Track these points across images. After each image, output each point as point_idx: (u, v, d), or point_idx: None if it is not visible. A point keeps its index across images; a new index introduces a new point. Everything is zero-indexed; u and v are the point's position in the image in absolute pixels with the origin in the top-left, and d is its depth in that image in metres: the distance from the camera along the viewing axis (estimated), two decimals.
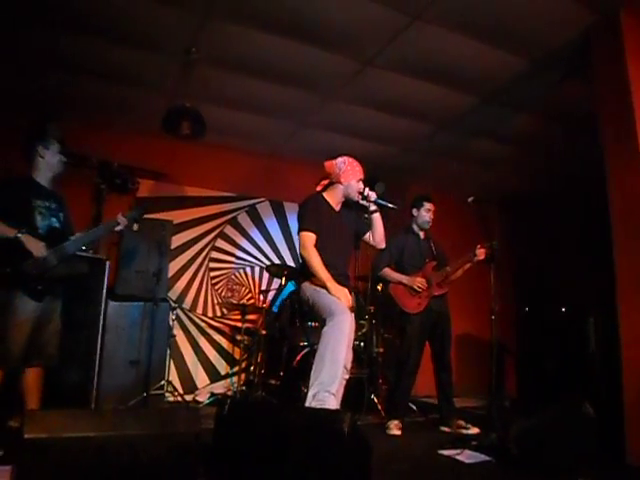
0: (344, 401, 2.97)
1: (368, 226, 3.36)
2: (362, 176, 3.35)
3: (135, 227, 4.67)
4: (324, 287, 3.05)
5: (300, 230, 3.24)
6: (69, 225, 3.23)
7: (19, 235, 2.79)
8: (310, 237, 3.17)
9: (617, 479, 2.79)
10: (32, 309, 2.84)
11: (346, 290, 3.10)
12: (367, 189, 3.26)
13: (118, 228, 3.20)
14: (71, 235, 3.13)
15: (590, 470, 2.51)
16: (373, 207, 3.28)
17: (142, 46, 4.00)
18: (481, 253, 3.91)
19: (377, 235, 3.37)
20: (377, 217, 3.33)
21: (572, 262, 6.12)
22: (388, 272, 4.12)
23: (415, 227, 4.25)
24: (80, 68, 4.33)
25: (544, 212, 6.87)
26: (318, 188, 3.45)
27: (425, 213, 4.18)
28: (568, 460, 2.51)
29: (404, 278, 4.05)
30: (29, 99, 4.82)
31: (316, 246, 3.17)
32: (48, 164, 3.11)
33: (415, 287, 3.98)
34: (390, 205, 3.29)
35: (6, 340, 2.76)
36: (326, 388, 2.76)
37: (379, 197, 3.30)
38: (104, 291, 4.26)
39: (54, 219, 3.09)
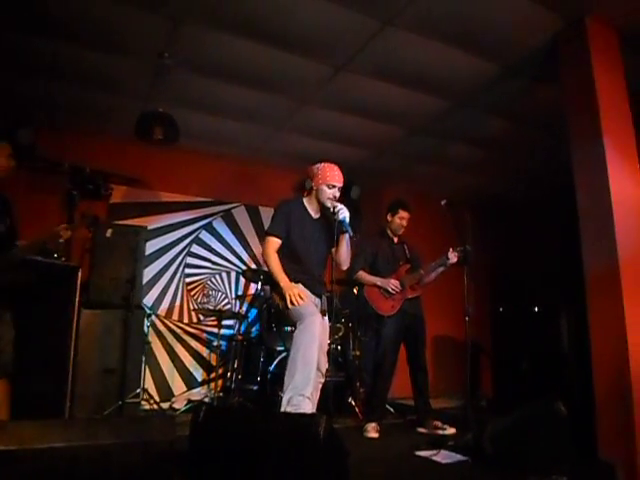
0: (322, 405, 2.99)
1: (336, 239, 3.22)
2: (337, 183, 3.21)
3: (108, 233, 4.63)
4: (281, 285, 3.04)
5: (265, 233, 3.26)
6: (14, 230, 3.13)
7: None
8: (272, 241, 3.17)
9: (589, 474, 2.84)
10: None
11: (301, 286, 3.10)
12: (341, 207, 3.13)
13: (61, 240, 3.08)
14: (15, 239, 3.05)
15: (564, 466, 2.55)
16: (341, 227, 3.15)
17: (115, 50, 3.95)
18: (454, 256, 3.96)
19: (340, 255, 3.27)
20: (344, 238, 3.23)
21: (545, 262, 6.23)
22: (362, 275, 4.15)
23: (389, 231, 4.30)
24: (52, 72, 4.27)
25: (518, 214, 7.00)
26: (304, 194, 3.42)
27: (399, 220, 4.24)
28: (542, 458, 2.55)
29: (378, 280, 4.09)
30: None
31: (288, 249, 3.18)
32: None
33: (389, 289, 4.01)
34: (350, 233, 3.14)
35: None
36: (300, 392, 2.77)
37: (350, 218, 3.15)
38: (77, 298, 4.19)
39: (0, 225, 2.99)
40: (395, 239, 4.31)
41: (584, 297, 3.32)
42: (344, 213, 3.11)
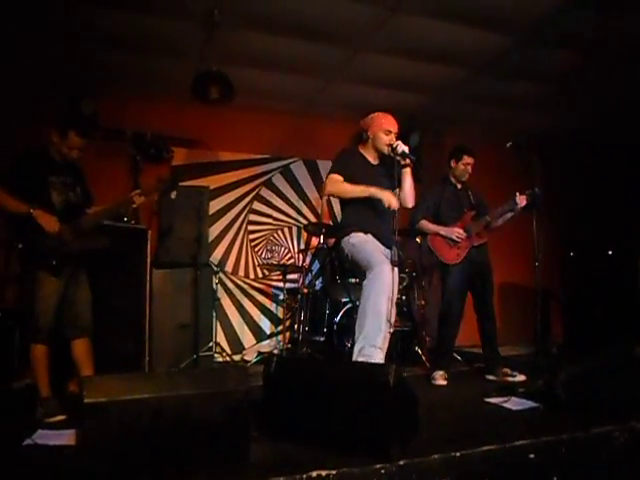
0: (389, 354, 3.01)
1: (399, 180, 3.25)
2: (392, 128, 3.27)
3: (173, 195, 4.75)
4: (369, 196, 3.07)
5: (328, 173, 3.24)
6: (87, 197, 3.23)
7: (32, 211, 2.81)
8: (335, 177, 3.17)
9: None
10: (54, 284, 2.89)
11: (390, 192, 3.10)
12: (398, 142, 3.17)
13: (135, 205, 3.15)
14: (88, 207, 3.16)
15: None
16: (402, 161, 3.18)
17: (165, 12, 3.95)
18: (522, 200, 3.79)
19: (403, 192, 3.25)
20: (406, 172, 3.23)
21: (618, 204, 5.91)
22: (425, 224, 4.04)
23: (452, 178, 4.14)
24: (107, 40, 4.33)
25: (587, 153, 6.60)
26: (359, 147, 3.40)
27: (463, 166, 4.05)
28: (619, 404, 2.48)
29: (442, 229, 3.98)
30: (60, 75, 4.88)
31: (353, 201, 3.17)
32: (58, 150, 3.04)
33: (454, 237, 3.92)
34: (412, 157, 3.18)
35: (34, 314, 2.85)
36: (371, 342, 2.80)
37: (412, 150, 3.22)
38: (148, 259, 4.39)
39: (71, 194, 3.08)
40: (459, 185, 4.14)
41: None
42: (402, 147, 3.15)
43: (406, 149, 3.16)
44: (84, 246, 3.03)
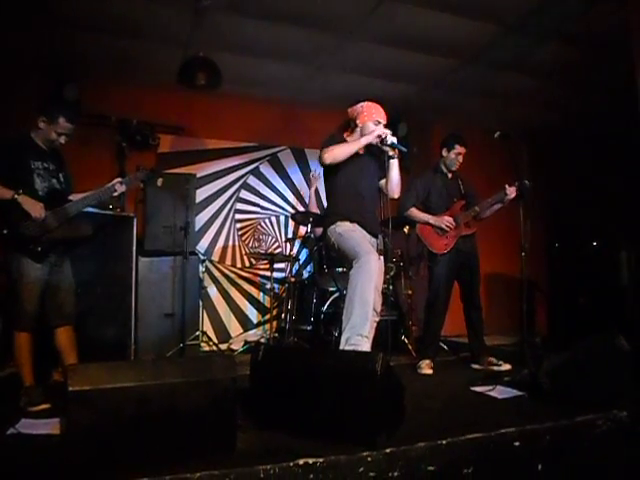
0: (375, 343, 3.02)
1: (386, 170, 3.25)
2: (382, 119, 3.27)
3: (159, 183, 4.71)
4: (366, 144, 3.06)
5: (321, 148, 3.20)
6: (69, 184, 3.19)
7: (16, 196, 2.76)
8: (328, 149, 3.14)
9: None
10: (38, 271, 2.86)
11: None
12: (387, 132, 3.15)
13: (116, 193, 3.12)
14: (70, 194, 3.11)
15: (624, 402, 2.51)
16: (390, 152, 3.17)
17: None
18: (512, 191, 3.80)
19: (390, 183, 3.24)
20: (393, 163, 3.22)
21: (602, 196, 5.96)
22: (414, 212, 4.03)
23: (443, 167, 4.12)
24: (92, 25, 4.26)
25: (573, 145, 6.64)
26: (345, 134, 3.38)
27: (454, 155, 4.03)
28: (602, 393, 2.51)
29: (431, 218, 3.98)
30: (44, 60, 4.79)
31: (340, 189, 3.19)
32: (45, 136, 2.99)
33: (443, 226, 3.93)
34: (403, 148, 3.19)
35: (18, 301, 2.81)
36: (358, 331, 2.81)
37: (399, 140, 3.21)
38: (134, 247, 4.35)
39: (54, 180, 3.04)
40: (449, 175, 4.13)
41: None
42: (392, 137, 3.13)
43: (395, 140, 3.14)
44: (68, 233, 3.00)
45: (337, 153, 3.10)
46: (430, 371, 3.77)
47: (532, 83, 5.46)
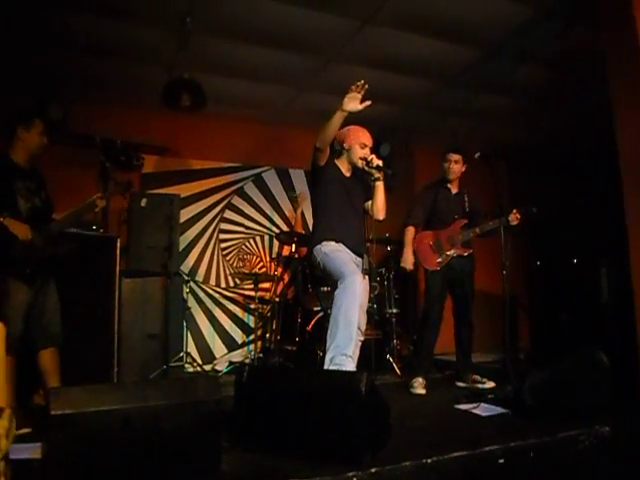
0: (360, 362, 3.03)
1: (372, 192, 3.29)
2: (368, 142, 3.31)
3: (143, 203, 4.70)
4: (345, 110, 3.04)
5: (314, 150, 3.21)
6: (50, 203, 3.18)
7: (2, 220, 2.76)
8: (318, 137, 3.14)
9: (633, 424, 2.82)
10: (25, 292, 2.85)
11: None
12: (372, 155, 3.21)
13: (97, 209, 3.14)
14: (51, 212, 3.11)
15: (606, 417, 2.54)
16: (376, 174, 3.21)
17: (138, 19, 3.94)
18: (514, 219, 3.81)
19: (376, 205, 3.26)
20: (379, 186, 3.24)
21: (583, 214, 6.07)
22: (407, 233, 3.97)
23: (446, 181, 4.08)
24: (78, 46, 4.28)
25: (554, 164, 6.77)
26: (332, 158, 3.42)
27: (447, 164, 3.99)
28: (583, 408, 2.54)
29: (406, 251, 3.92)
30: (28, 80, 4.78)
31: (327, 210, 3.21)
32: (27, 146, 3.00)
33: (407, 266, 3.89)
34: (388, 171, 3.23)
35: (4, 323, 2.80)
36: (342, 351, 2.81)
37: (383, 161, 3.26)
38: (117, 268, 4.31)
39: (37, 199, 3.04)
40: (454, 190, 4.07)
41: (624, 246, 3.23)
42: (377, 160, 3.19)
43: (380, 163, 3.19)
44: (54, 252, 2.99)
45: (327, 132, 3.09)
46: (423, 391, 3.65)
47: (511, 103, 5.58)
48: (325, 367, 2.85)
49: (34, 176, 3.09)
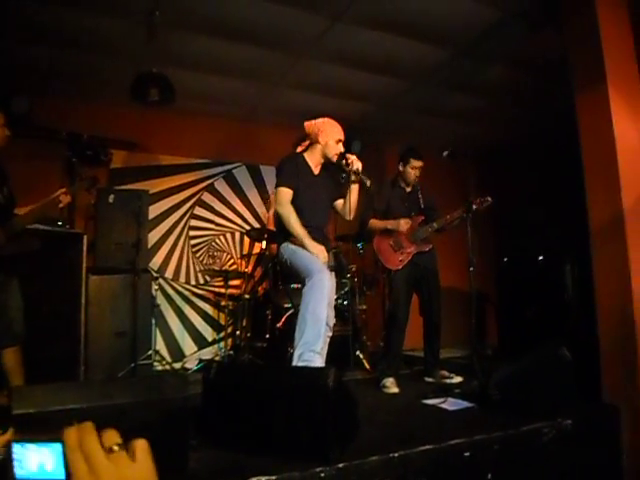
0: (329, 358, 3.04)
1: (344, 191, 3.30)
2: (341, 137, 3.32)
3: (111, 199, 4.63)
4: (302, 245, 3.06)
5: (277, 186, 3.23)
6: (13, 198, 3.11)
7: None
8: (286, 192, 3.16)
9: (594, 417, 2.91)
10: None
11: (323, 247, 3.12)
12: (353, 157, 3.20)
13: (61, 205, 3.07)
14: (13, 208, 3.04)
15: (569, 410, 2.61)
16: (353, 177, 3.21)
17: (105, 12, 3.85)
18: (476, 204, 3.79)
19: (347, 205, 3.28)
20: (355, 188, 3.27)
21: (548, 212, 6.21)
22: (374, 223, 3.98)
23: (400, 181, 4.12)
24: (44, 38, 4.18)
25: (520, 163, 6.91)
26: (299, 149, 3.41)
27: (410, 170, 4.02)
28: (547, 402, 2.61)
29: (389, 223, 3.92)
30: None
31: (295, 205, 3.18)
32: None
33: (401, 228, 3.85)
34: (367, 182, 3.23)
35: None
36: (311, 348, 2.82)
37: (362, 170, 3.24)
38: (83, 265, 4.24)
39: None
40: (408, 188, 4.11)
41: (587, 244, 3.32)
42: (358, 164, 3.19)
43: (360, 166, 3.19)
44: (17, 249, 2.91)
45: (286, 222, 3.14)
46: (397, 389, 3.59)
47: (480, 103, 5.67)
48: (294, 363, 2.85)
49: None
